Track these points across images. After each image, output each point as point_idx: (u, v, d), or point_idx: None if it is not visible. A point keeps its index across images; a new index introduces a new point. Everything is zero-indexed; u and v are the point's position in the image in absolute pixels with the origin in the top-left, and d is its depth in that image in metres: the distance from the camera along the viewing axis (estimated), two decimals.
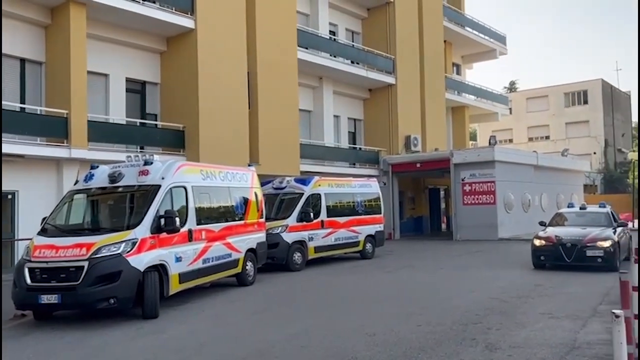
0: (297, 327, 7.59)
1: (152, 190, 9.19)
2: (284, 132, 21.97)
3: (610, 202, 43.23)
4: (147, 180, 9.33)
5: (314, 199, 15.44)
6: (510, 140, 61.42)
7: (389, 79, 28.29)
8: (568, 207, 15.72)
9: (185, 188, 9.82)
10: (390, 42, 28.60)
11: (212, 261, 10.38)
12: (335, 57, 26.27)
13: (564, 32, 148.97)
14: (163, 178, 9.37)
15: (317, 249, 15.29)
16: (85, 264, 8.02)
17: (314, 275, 13.37)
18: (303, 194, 15.16)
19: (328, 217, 15.72)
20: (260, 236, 12.54)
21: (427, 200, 32.54)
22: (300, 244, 14.72)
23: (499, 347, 6.13)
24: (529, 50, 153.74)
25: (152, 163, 9.49)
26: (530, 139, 60.70)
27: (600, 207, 15.08)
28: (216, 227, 10.65)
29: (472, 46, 36.95)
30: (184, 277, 9.45)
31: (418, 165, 27.12)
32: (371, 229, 17.44)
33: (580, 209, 14.98)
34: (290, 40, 22.67)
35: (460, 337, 6.62)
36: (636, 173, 45.96)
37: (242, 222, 11.73)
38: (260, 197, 12.71)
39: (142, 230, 8.61)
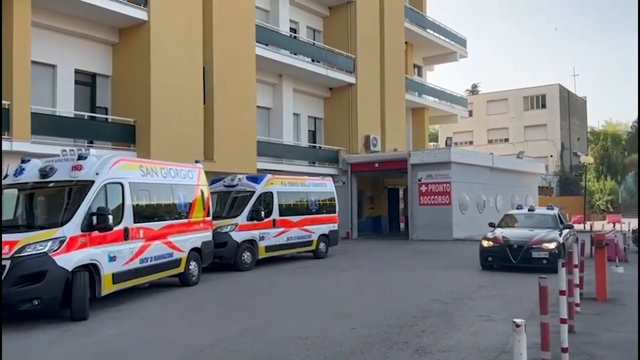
0: (232, 330, 7.36)
1: (84, 187, 8.77)
2: (241, 129, 21.63)
3: (564, 204, 44.30)
4: (80, 176, 8.90)
5: (266, 198, 15.19)
6: (471, 142, 62.48)
7: (350, 79, 28.24)
8: (517, 208, 15.93)
9: (122, 184, 9.42)
10: (351, 42, 28.56)
11: (151, 261, 10.02)
12: (295, 54, 26.07)
13: (525, 38, 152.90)
14: (97, 174, 8.96)
15: (268, 249, 15.05)
16: (7, 263, 7.57)
17: (262, 276, 13.13)
18: (254, 192, 14.89)
19: (280, 216, 15.50)
20: (206, 235, 12.21)
21: (386, 200, 32.67)
22: (251, 243, 14.45)
23: (429, 351, 6.05)
24: (493, 53, 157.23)
25: (86, 158, 9.07)
26: (490, 141, 61.83)
27: (548, 209, 15.33)
28: (156, 225, 10.28)
29: (433, 48, 37.31)
30: (118, 277, 9.07)
31: (376, 165, 27.18)
32: (325, 229, 17.31)
33: (529, 210, 15.19)
34: (249, 35, 22.32)
35: (393, 341, 6.51)
36: (589, 176, 47.38)
37: (185, 220, 11.39)
38: (206, 194, 12.38)
39: (72, 228, 8.20)
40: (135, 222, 9.58)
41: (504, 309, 8.49)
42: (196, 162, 12.83)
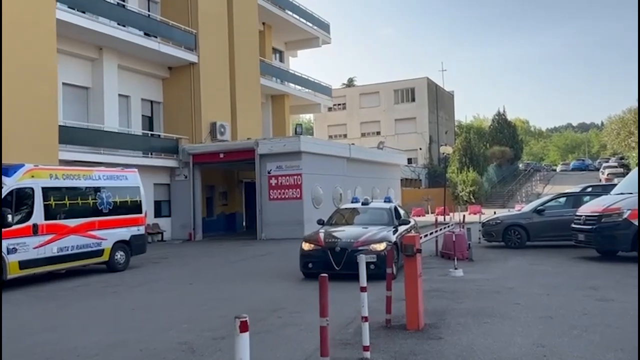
0: None
1: None
2: (35, 110, 17.26)
3: (430, 195, 43.80)
4: None
5: (22, 195, 11.26)
6: (345, 135, 61.39)
7: (190, 57, 24.63)
8: (352, 202, 13.50)
9: None
10: (192, 15, 24.94)
11: None
12: (124, 25, 21.97)
13: (403, 35, 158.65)
14: None
15: (26, 264, 11.11)
16: None
17: None
18: (1, 188, 10.90)
19: (47, 219, 11.64)
20: None
21: (241, 195, 29.53)
22: None
23: None
24: (368, 48, 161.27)
25: None
26: (363, 134, 61.21)
27: (385, 201, 13.06)
28: None
29: (294, 32, 34.78)
30: None
31: (221, 155, 23.90)
32: (124, 233, 13.69)
33: (362, 204, 12.78)
34: None
35: None
36: (454, 167, 47.92)
37: None
38: None
39: None
40: None
41: (267, 354, 5.64)
42: None
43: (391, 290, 6.64)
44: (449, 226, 13.10)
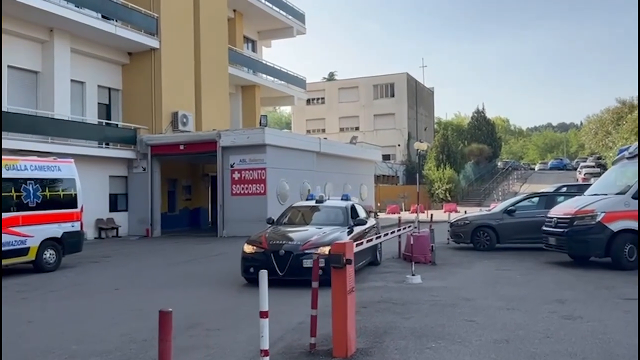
0: None
1: None
2: None
3: (407, 192, 42.75)
4: None
5: None
6: (323, 130, 60.17)
7: (151, 42, 23.21)
8: (308, 199, 12.38)
9: None
10: None
11: None
12: (79, 6, 20.49)
13: (384, 30, 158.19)
14: None
15: None
16: None
17: None
18: None
19: None
20: None
21: (207, 189, 28.23)
22: None
23: None
24: (352, 44, 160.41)
25: None
26: (342, 129, 60.08)
27: (342, 199, 11.96)
28: None
29: (267, 21, 33.43)
30: None
31: (182, 147, 22.59)
32: (55, 230, 12.38)
33: (317, 202, 11.67)
34: None
35: None
36: (431, 164, 47.05)
37: None
38: None
39: None
40: None
41: None
42: None
43: (317, 308, 5.53)
44: (406, 227, 12.04)
